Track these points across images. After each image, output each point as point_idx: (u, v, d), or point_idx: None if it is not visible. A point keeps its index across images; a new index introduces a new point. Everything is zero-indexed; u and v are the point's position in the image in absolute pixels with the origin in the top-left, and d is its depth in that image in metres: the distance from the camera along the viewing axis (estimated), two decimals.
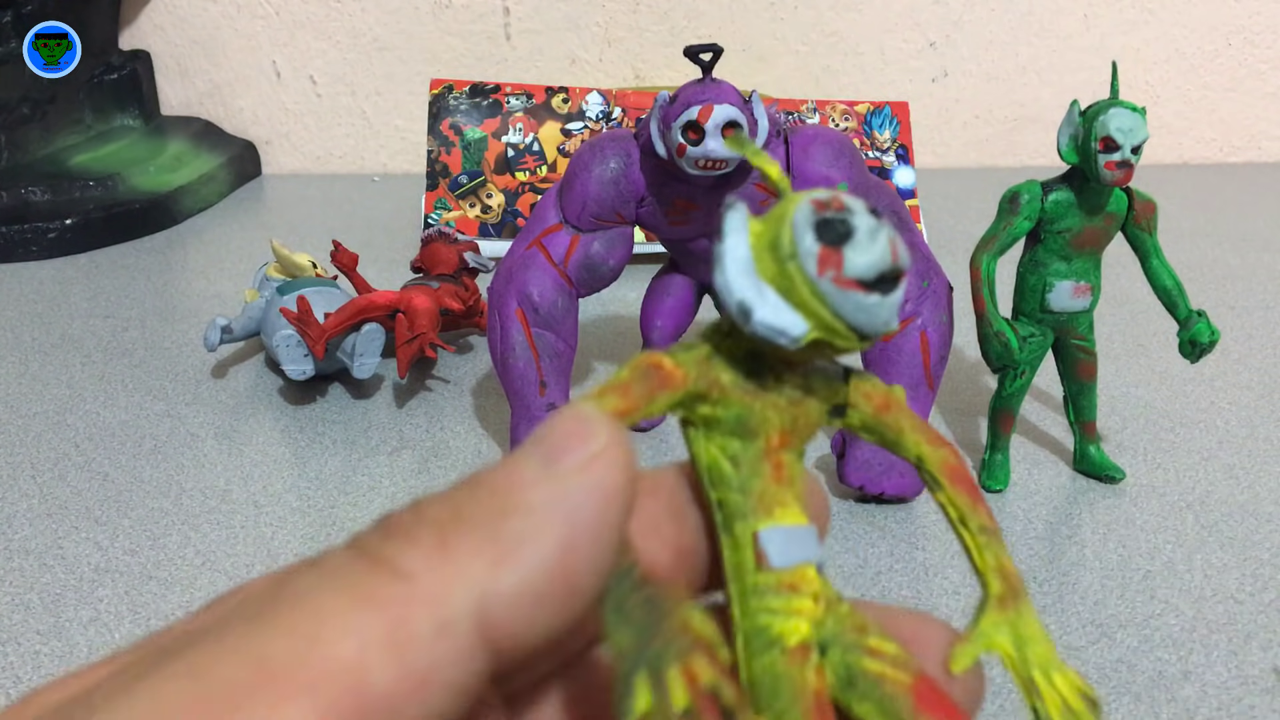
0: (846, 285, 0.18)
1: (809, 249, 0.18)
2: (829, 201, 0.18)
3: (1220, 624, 0.47)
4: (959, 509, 0.21)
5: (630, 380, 0.19)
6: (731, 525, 0.19)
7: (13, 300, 0.84)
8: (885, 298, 0.18)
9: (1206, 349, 0.55)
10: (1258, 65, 1.25)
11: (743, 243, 0.19)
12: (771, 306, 0.18)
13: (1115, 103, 0.53)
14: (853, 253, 0.18)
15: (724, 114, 0.52)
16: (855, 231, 0.18)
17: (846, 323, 0.18)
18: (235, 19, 1.19)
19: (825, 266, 0.18)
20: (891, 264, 0.18)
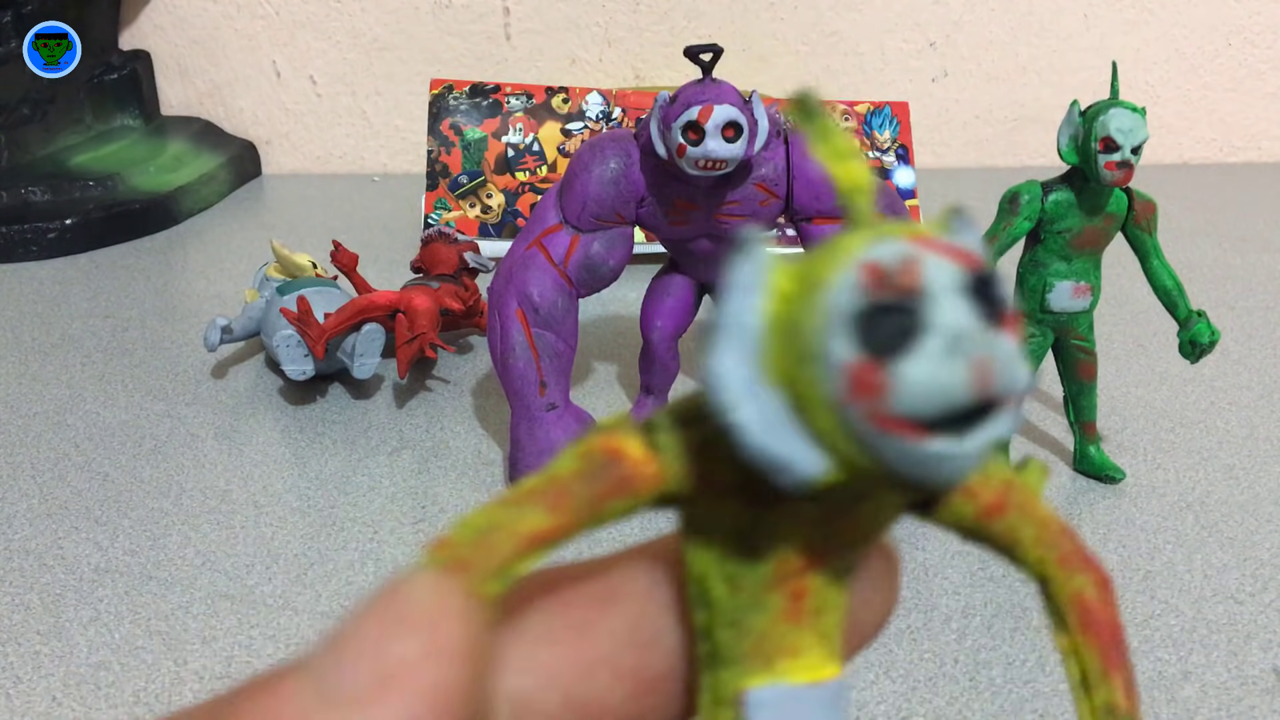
0: (891, 426, 0.11)
1: (836, 356, 0.11)
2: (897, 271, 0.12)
3: (1220, 624, 0.47)
4: (1084, 667, 0.15)
5: (571, 479, 0.13)
6: (715, 669, 0.14)
7: (13, 300, 0.84)
8: (959, 443, 0.12)
9: (1206, 349, 0.55)
10: (1258, 65, 1.25)
11: (752, 310, 0.12)
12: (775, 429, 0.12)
13: (1115, 103, 0.53)
14: (910, 374, 0.11)
15: (724, 114, 0.52)
16: (923, 336, 0.11)
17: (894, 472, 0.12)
18: (235, 19, 1.19)
19: (857, 391, 0.11)
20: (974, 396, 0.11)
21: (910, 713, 0.42)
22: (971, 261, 0.12)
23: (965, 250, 0.12)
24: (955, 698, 0.43)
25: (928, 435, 0.11)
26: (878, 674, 0.44)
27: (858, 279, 0.12)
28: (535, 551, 0.13)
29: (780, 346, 0.12)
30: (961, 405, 0.11)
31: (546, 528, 0.13)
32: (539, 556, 0.13)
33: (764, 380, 0.12)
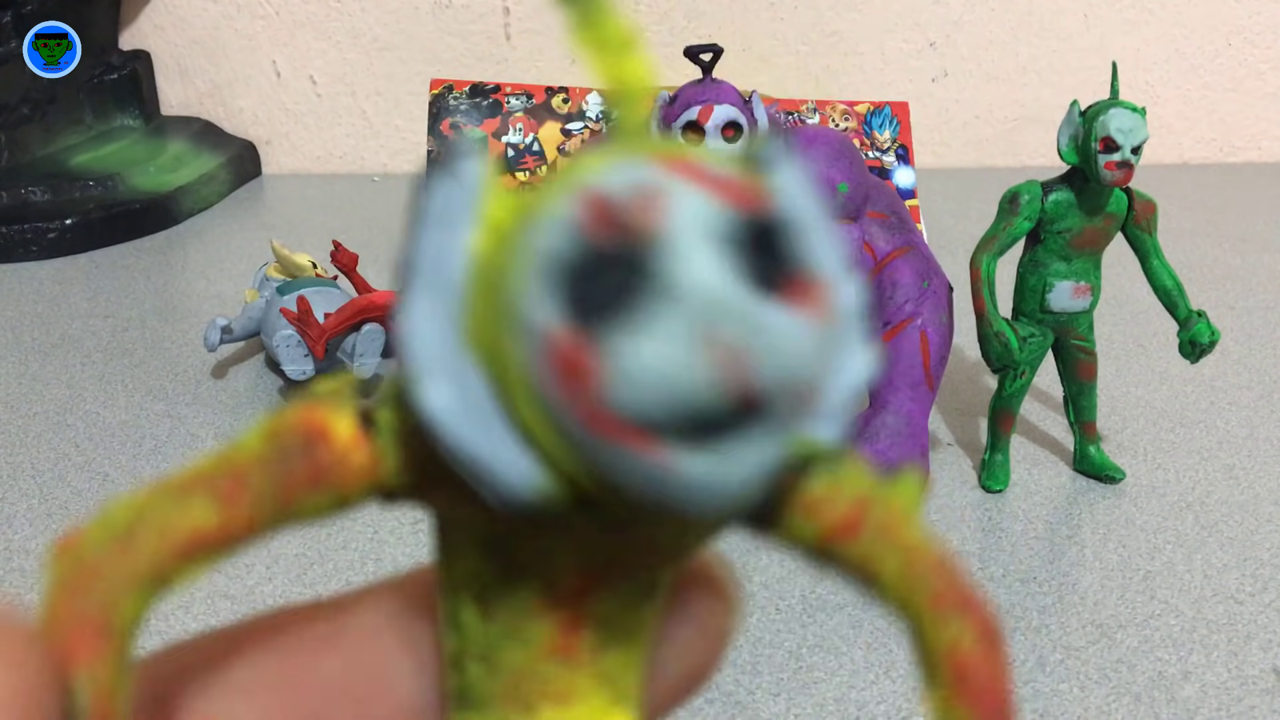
0: (605, 428, 0.08)
1: (538, 325, 0.08)
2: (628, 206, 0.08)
3: (1220, 624, 0.47)
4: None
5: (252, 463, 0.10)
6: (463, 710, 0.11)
7: (13, 300, 0.84)
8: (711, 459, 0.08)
9: (1206, 349, 0.55)
10: (1257, 65, 1.25)
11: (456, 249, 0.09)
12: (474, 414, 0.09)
13: (1115, 103, 0.53)
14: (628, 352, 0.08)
15: (724, 114, 0.52)
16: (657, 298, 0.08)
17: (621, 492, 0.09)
18: (235, 19, 1.19)
19: (563, 376, 0.08)
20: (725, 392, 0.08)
21: (910, 712, 0.42)
22: (747, 200, 0.08)
23: (741, 184, 0.09)
24: None
25: (656, 445, 0.08)
26: (878, 674, 0.44)
27: (575, 214, 0.08)
28: (196, 557, 0.10)
29: (483, 302, 0.09)
30: (703, 406, 0.08)
31: (213, 526, 0.09)
32: (203, 563, 0.10)
33: (467, 348, 0.09)
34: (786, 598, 0.49)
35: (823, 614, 0.48)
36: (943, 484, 0.58)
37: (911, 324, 0.56)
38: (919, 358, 0.56)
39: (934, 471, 0.59)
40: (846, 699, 0.42)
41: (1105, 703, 0.42)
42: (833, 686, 0.43)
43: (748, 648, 0.45)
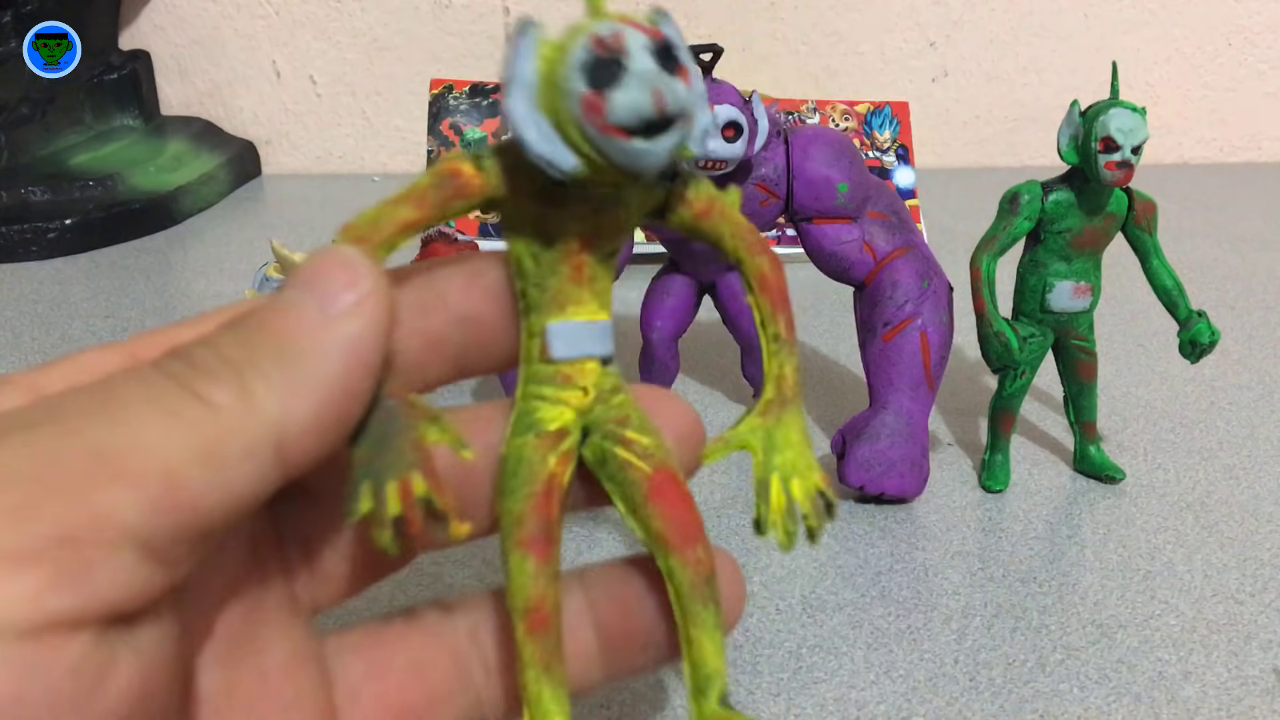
0: (609, 131, 0.18)
1: (575, 90, 0.18)
2: (608, 39, 0.18)
3: (1221, 624, 0.47)
4: (760, 314, 0.22)
5: (427, 187, 0.20)
6: (528, 315, 0.21)
7: (12, 300, 0.84)
8: (651, 144, 0.18)
9: (1207, 349, 0.55)
10: (1258, 65, 1.25)
11: (529, 68, 0.18)
12: (546, 139, 0.19)
13: (1115, 103, 0.52)
14: (616, 98, 0.18)
15: (724, 114, 0.52)
16: (624, 75, 0.18)
17: (614, 164, 0.18)
18: (235, 19, 1.19)
19: (589, 110, 0.18)
20: (654, 112, 0.18)
21: (910, 713, 0.42)
22: (656, 34, 0.19)
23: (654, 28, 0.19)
24: (955, 698, 0.43)
25: (631, 137, 0.18)
26: (878, 674, 0.44)
27: (588, 43, 0.18)
28: (407, 234, 0.20)
29: (546, 89, 0.18)
30: (648, 117, 0.18)
31: (413, 218, 0.20)
32: (408, 237, 0.20)
33: (538, 111, 0.18)
34: (786, 598, 0.49)
35: (823, 614, 0.48)
36: (943, 484, 0.58)
37: (912, 324, 0.56)
38: (919, 358, 0.56)
39: (934, 471, 0.59)
40: (846, 699, 0.42)
41: (1105, 703, 0.42)
42: (833, 687, 0.43)
43: (748, 648, 0.45)
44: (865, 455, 0.55)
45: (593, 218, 0.20)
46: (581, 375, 0.21)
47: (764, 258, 0.22)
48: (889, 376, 0.56)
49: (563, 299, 0.21)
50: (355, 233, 0.19)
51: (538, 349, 0.21)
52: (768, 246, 0.22)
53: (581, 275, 0.21)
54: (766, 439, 0.22)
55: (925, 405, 0.56)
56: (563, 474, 0.21)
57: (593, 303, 0.21)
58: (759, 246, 0.22)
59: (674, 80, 0.18)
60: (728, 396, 0.69)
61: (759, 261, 0.22)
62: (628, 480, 0.21)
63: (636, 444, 0.21)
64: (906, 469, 0.55)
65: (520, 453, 0.20)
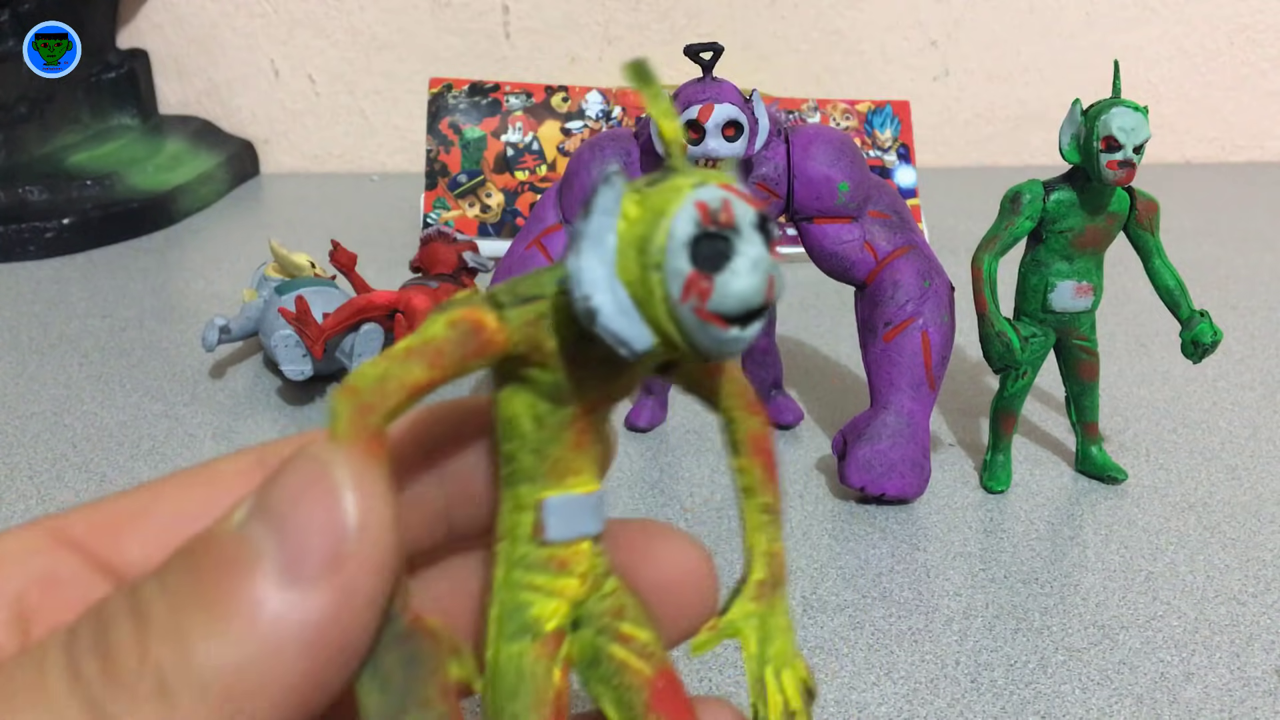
0: (708, 318, 0.16)
1: (678, 269, 0.16)
2: (718, 211, 0.16)
3: (1223, 625, 0.47)
4: (749, 480, 0.20)
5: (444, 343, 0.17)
6: (517, 485, 0.18)
7: (10, 300, 0.84)
8: (743, 332, 0.16)
9: (1209, 349, 0.55)
10: (1260, 64, 1.25)
11: (611, 229, 0.16)
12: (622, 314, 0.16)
13: (1117, 102, 0.52)
14: (726, 284, 0.16)
15: (724, 113, 0.52)
16: (736, 258, 0.16)
17: (697, 349, 0.16)
18: (233, 18, 1.19)
19: (690, 293, 0.16)
20: (764, 302, 0.16)
21: (911, 714, 0.42)
22: (759, 205, 0.16)
23: (754, 197, 0.17)
24: (957, 699, 0.42)
25: (729, 326, 0.16)
26: (879, 675, 0.44)
27: (696, 214, 0.16)
28: (416, 398, 0.16)
29: (631, 255, 0.16)
30: (757, 307, 0.16)
31: (426, 379, 0.16)
32: (417, 401, 0.17)
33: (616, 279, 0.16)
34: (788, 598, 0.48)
35: (823, 615, 0.47)
36: (944, 484, 0.58)
37: (913, 324, 0.56)
38: (920, 358, 0.56)
39: (935, 472, 0.58)
40: (847, 700, 0.42)
41: (1107, 704, 0.42)
42: (833, 688, 0.43)
43: None
44: (866, 456, 0.55)
45: (614, 379, 0.18)
46: (576, 559, 0.18)
47: (758, 419, 0.20)
48: (890, 376, 0.56)
49: (563, 469, 0.18)
50: (360, 400, 0.16)
51: (528, 526, 0.18)
52: (762, 408, 0.20)
53: (584, 441, 0.18)
54: (761, 627, 0.20)
55: (926, 405, 0.56)
56: (566, 689, 0.18)
57: (590, 470, 0.18)
58: (754, 406, 0.20)
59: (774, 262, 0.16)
60: None
61: (752, 423, 0.20)
62: (625, 684, 0.18)
63: (634, 640, 0.18)
64: (907, 470, 0.55)
65: (519, 664, 0.17)
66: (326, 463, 0.14)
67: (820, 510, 0.56)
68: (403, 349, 0.16)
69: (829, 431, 0.64)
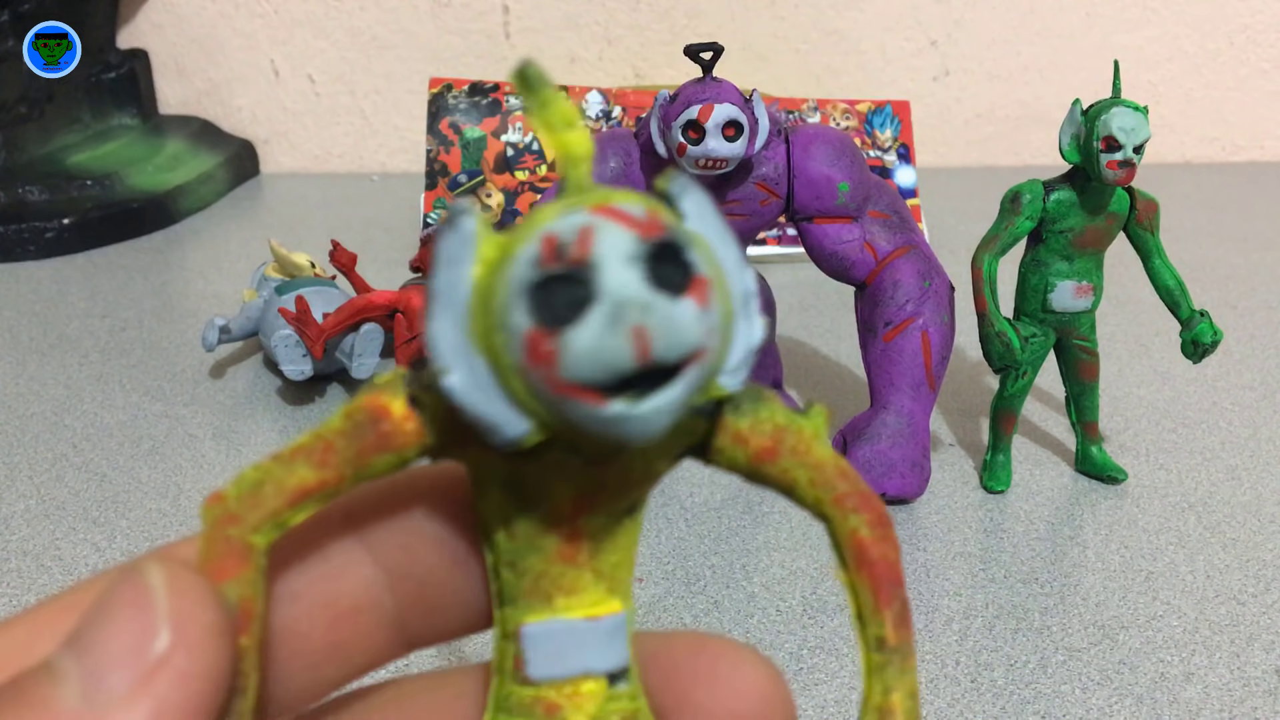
0: (565, 391, 0.12)
1: (515, 325, 0.12)
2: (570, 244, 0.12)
3: (1223, 625, 0.47)
4: (856, 604, 0.15)
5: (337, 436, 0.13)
6: (502, 605, 0.15)
7: (10, 300, 0.84)
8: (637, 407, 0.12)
9: (1209, 349, 0.55)
10: (1260, 64, 1.25)
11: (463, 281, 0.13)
12: (479, 390, 0.13)
13: (1117, 102, 0.52)
14: (570, 342, 0.12)
15: (724, 113, 0.52)
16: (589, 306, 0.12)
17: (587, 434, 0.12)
18: (233, 18, 1.19)
19: (535, 358, 0.12)
20: (634, 362, 0.12)
21: None
22: (653, 229, 0.12)
23: (648, 219, 0.12)
24: (957, 699, 0.42)
25: (604, 399, 0.12)
26: None
27: (535, 251, 0.12)
28: (303, 505, 0.14)
29: (480, 314, 0.13)
30: (626, 370, 0.12)
31: (314, 483, 0.13)
32: (308, 509, 0.14)
33: (473, 345, 0.13)
34: (787, 599, 0.48)
35: (824, 615, 0.47)
36: (944, 484, 0.58)
37: (913, 324, 0.56)
38: (920, 358, 0.56)
39: (935, 472, 0.58)
40: (847, 700, 0.42)
41: (1107, 704, 0.42)
42: (834, 688, 0.43)
43: None
44: (866, 456, 0.55)
45: (590, 472, 0.14)
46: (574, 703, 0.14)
47: (862, 517, 0.15)
48: (890, 376, 0.56)
49: (548, 586, 0.14)
50: (223, 509, 0.13)
51: (511, 658, 0.14)
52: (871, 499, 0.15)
53: (578, 549, 0.14)
54: None
55: (926, 405, 0.56)
56: None
57: (595, 588, 0.14)
58: (856, 500, 0.15)
59: (675, 304, 0.12)
60: None
61: (853, 523, 0.15)
62: None
63: None
64: (907, 469, 0.55)
65: None
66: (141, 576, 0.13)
67: None
68: (292, 447, 0.14)
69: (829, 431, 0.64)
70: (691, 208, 0.13)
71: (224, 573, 0.13)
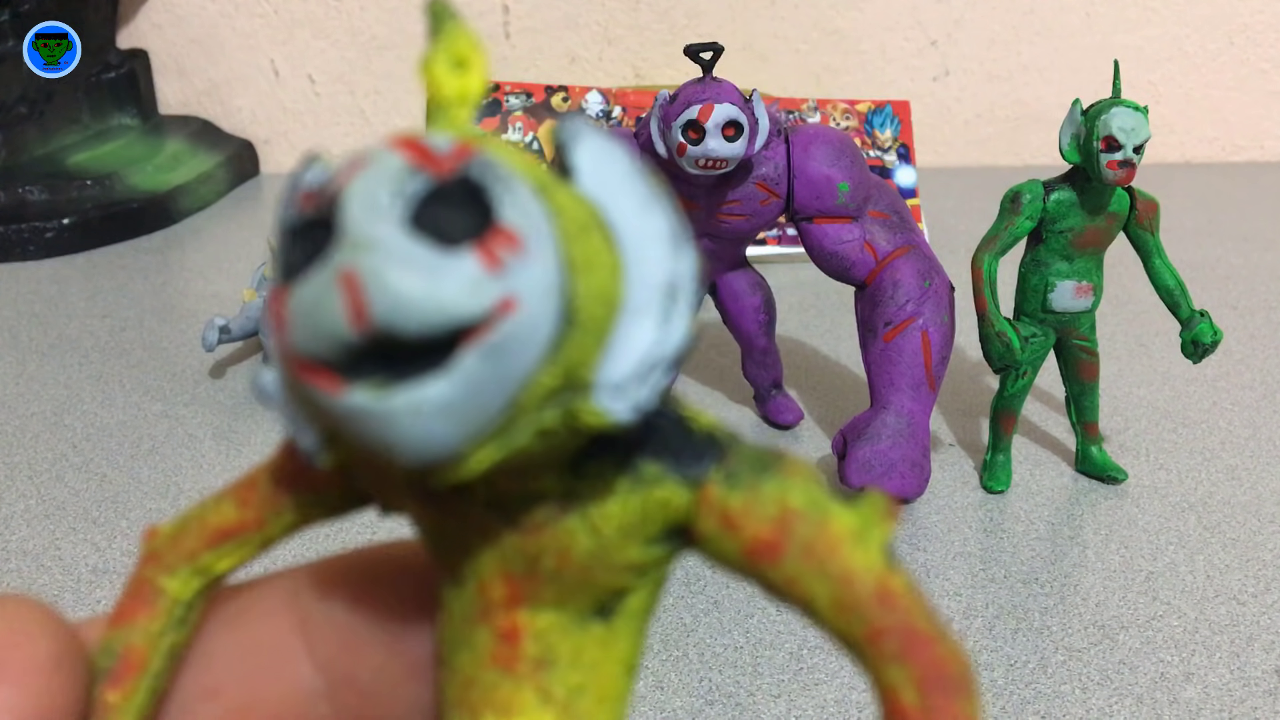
0: (301, 372, 0.09)
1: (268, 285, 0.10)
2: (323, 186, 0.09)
3: (1223, 625, 0.47)
4: None
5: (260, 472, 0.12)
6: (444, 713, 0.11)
7: (10, 300, 0.84)
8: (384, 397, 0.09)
9: (1209, 349, 0.55)
10: (1260, 64, 1.25)
11: None
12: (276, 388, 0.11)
13: (1117, 102, 0.52)
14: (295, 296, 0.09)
15: (724, 113, 0.52)
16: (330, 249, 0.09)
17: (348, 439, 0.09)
18: (233, 18, 1.19)
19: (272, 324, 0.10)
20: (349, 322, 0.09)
21: None
22: (441, 164, 0.09)
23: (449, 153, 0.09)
24: None
25: (340, 383, 0.09)
26: None
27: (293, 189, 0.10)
28: (223, 548, 0.11)
29: None
30: (343, 338, 0.09)
31: (232, 523, 0.12)
32: (231, 555, 0.12)
33: None
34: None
35: None
36: (944, 484, 0.58)
37: (913, 324, 0.56)
38: (920, 358, 0.56)
39: (935, 472, 0.58)
40: (847, 700, 0.42)
41: (1107, 704, 0.42)
42: (834, 688, 0.43)
43: (748, 649, 0.45)
44: (866, 456, 0.55)
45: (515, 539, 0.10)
46: None
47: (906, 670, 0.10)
48: (890, 376, 0.56)
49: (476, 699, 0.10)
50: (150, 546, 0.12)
51: None
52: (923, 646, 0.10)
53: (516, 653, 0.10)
54: None
55: (926, 405, 0.56)
56: None
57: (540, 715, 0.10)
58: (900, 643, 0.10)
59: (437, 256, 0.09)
60: (728, 397, 0.68)
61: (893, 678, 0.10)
62: None
63: None
64: (907, 469, 0.55)
65: None
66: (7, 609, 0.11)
67: None
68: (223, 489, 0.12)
69: (829, 431, 0.64)
70: (588, 161, 0.10)
71: (122, 616, 0.11)
